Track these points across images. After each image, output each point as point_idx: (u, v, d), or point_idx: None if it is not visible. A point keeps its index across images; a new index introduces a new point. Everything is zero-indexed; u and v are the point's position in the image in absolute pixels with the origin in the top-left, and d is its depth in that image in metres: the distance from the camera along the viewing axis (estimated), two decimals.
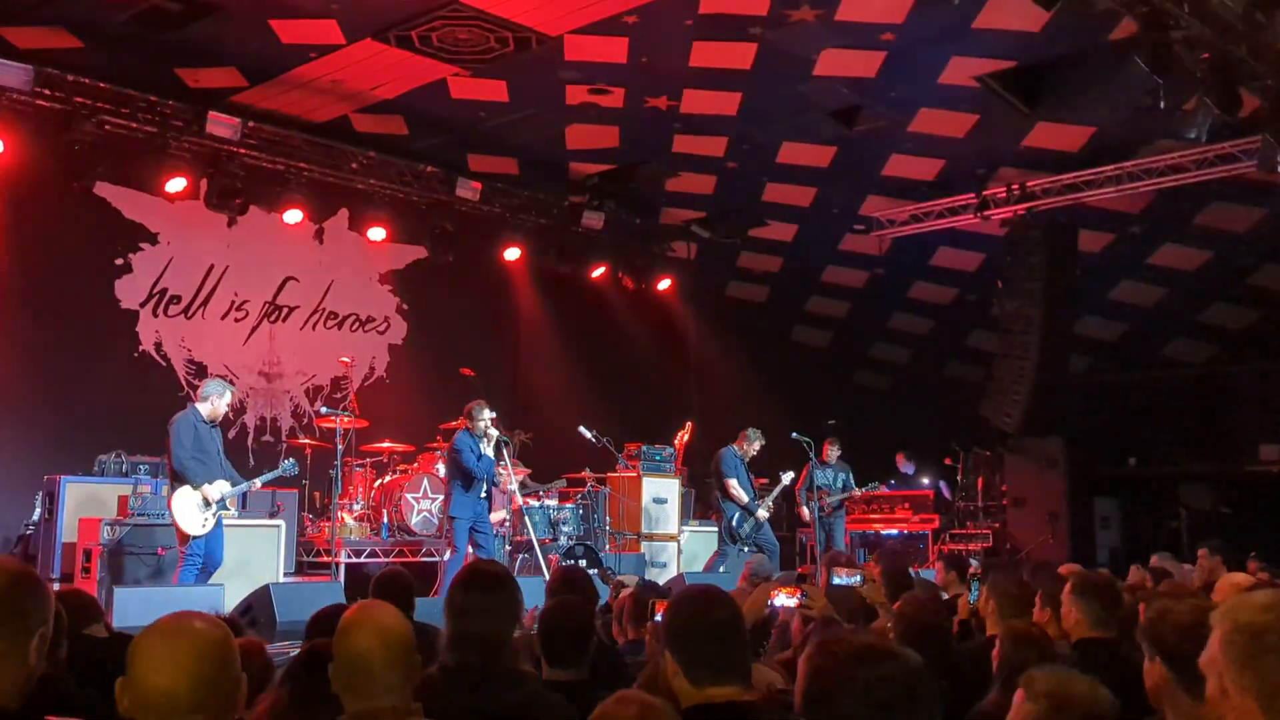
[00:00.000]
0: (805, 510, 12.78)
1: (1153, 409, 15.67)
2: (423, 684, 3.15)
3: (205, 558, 8.86)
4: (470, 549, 10.21)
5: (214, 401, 9.12)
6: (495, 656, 3.24)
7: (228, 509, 9.15)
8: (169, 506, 8.89)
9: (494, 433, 10.21)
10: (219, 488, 8.90)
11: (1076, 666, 3.19)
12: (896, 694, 1.97)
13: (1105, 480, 15.37)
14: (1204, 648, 2.02)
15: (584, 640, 3.85)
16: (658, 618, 3.92)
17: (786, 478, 12.53)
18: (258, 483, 9.66)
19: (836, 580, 4.87)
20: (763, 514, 12.13)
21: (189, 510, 8.77)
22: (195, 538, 8.78)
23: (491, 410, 10.38)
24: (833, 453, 12.75)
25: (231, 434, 12.40)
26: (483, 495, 10.28)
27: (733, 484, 12.13)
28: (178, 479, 8.83)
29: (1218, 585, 5.58)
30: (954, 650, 4.51)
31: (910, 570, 7.23)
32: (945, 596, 6.82)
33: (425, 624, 5.24)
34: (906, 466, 16.31)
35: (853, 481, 12.91)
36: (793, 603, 4.14)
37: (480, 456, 10.06)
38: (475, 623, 3.25)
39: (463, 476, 10.08)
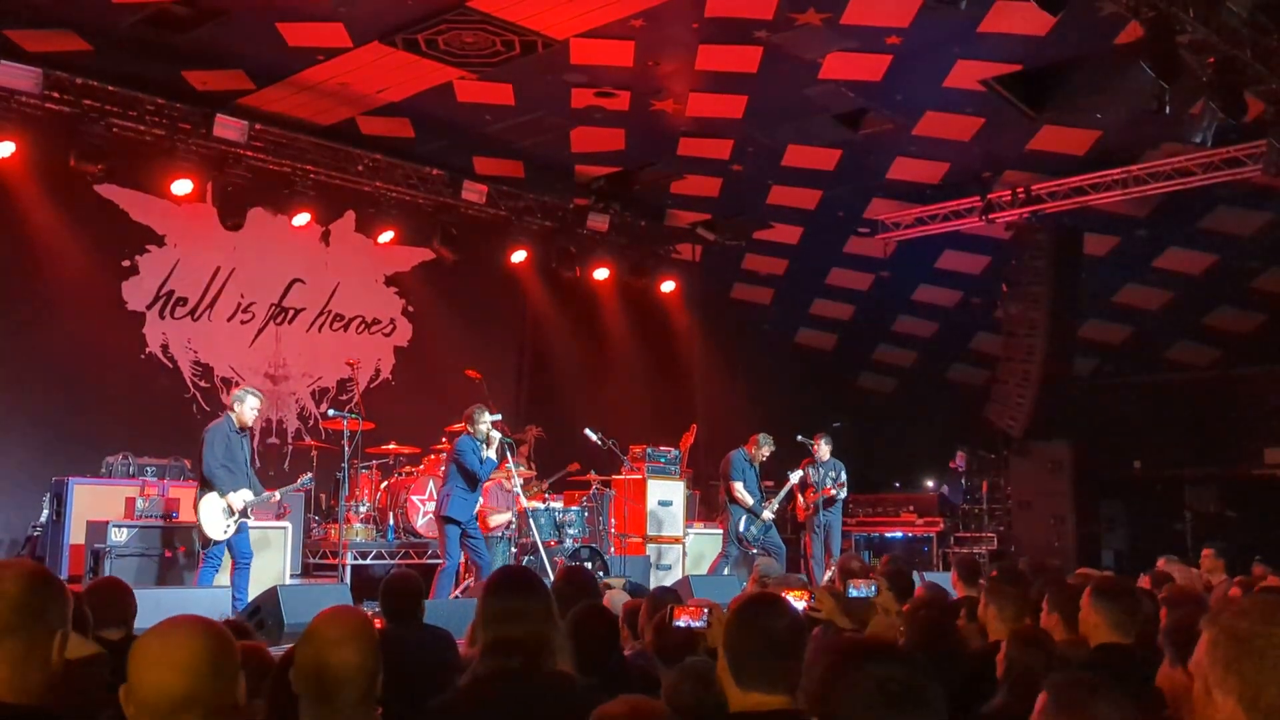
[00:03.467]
0: (801, 500, 12.75)
1: (1158, 412, 15.66)
2: (460, 692, 3.19)
3: (236, 551, 9.21)
4: (464, 555, 10.26)
5: (240, 407, 9.41)
6: (536, 661, 3.21)
7: (249, 517, 9.40)
8: (195, 509, 9.15)
9: (496, 435, 10.21)
10: (242, 496, 9.18)
11: (1094, 671, 3.20)
12: (906, 692, 1.99)
13: (1111, 483, 15.37)
14: None
15: (612, 647, 3.87)
16: (678, 623, 3.92)
17: (795, 476, 12.51)
18: (276, 495, 9.88)
19: (854, 592, 4.86)
20: (767, 515, 12.14)
21: (214, 516, 9.09)
22: (216, 542, 9.10)
23: (495, 414, 10.39)
24: (824, 449, 12.67)
25: None
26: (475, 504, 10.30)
27: (737, 486, 12.14)
28: (206, 485, 9.13)
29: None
30: (962, 653, 4.52)
31: (914, 574, 7.22)
32: (956, 596, 6.82)
33: (437, 627, 5.27)
34: (961, 463, 16.12)
35: (844, 478, 12.83)
36: (801, 605, 4.13)
37: (484, 460, 10.08)
38: (514, 627, 3.23)
39: (467, 478, 10.07)
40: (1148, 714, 3.02)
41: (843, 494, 12.74)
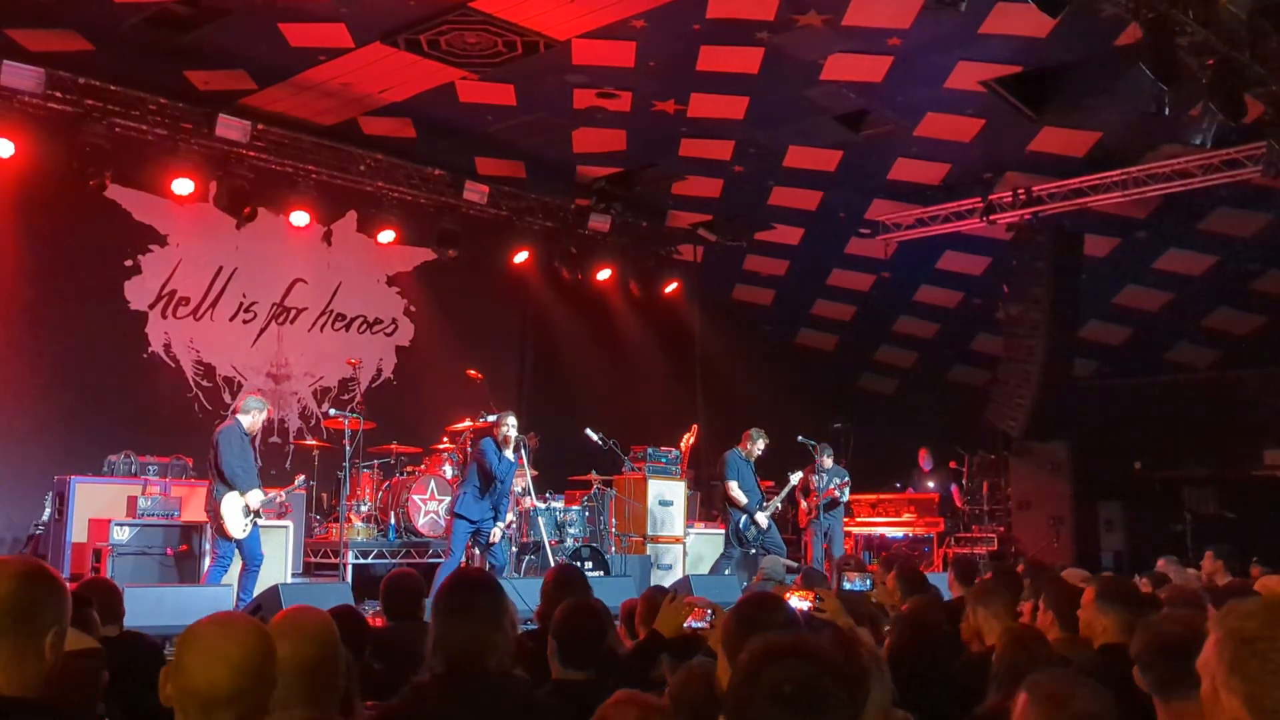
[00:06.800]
0: (804, 504, 12.80)
1: (1157, 413, 15.67)
2: (413, 692, 3.20)
3: (246, 553, 9.36)
4: (466, 554, 10.34)
5: (254, 416, 9.62)
6: (480, 662, 3.19)
7: (261, 517, 9.58)
8: (219, 510, 9.24)
9: (513, 436, 10.33)
10: (257, 496, 9.38)
11: (1100, 672, 3.23)
12: (799, 693, 1.98)
13: (1110, 484, 15.37)
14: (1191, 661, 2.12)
15: (599, 642, 3.89)
16: (691, 623, 3.95)
17: (794, 477, 12.54)
18: (282, 495, 10.08)
19: (847, 586, 4.90)
20: (761, 518, 12.06)
21: (235, 515, 9.27)
22: (233, 540, 9.27)
23: (492, 414, 10.63)
24: (826, 460, 12.71)
25: None
26: (491, 506, 10.33)
27: (733, 486, 12.12)
28: (227, 485, 9.27)
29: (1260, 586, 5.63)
30: (954, 654, 4.53)
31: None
32: (952, 597, 6.84)
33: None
34: (927, 462, 16.27)
35: (847, 479, 12.87)
36: (805, 605, 4.16)
37: (501, 459, 10.18)
38: (458, 629, 3.23)
39: (483, 477, 10.20)
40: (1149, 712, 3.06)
41: (845, 496, 12.77)
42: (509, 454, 10.28)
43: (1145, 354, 16.07)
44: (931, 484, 16.23)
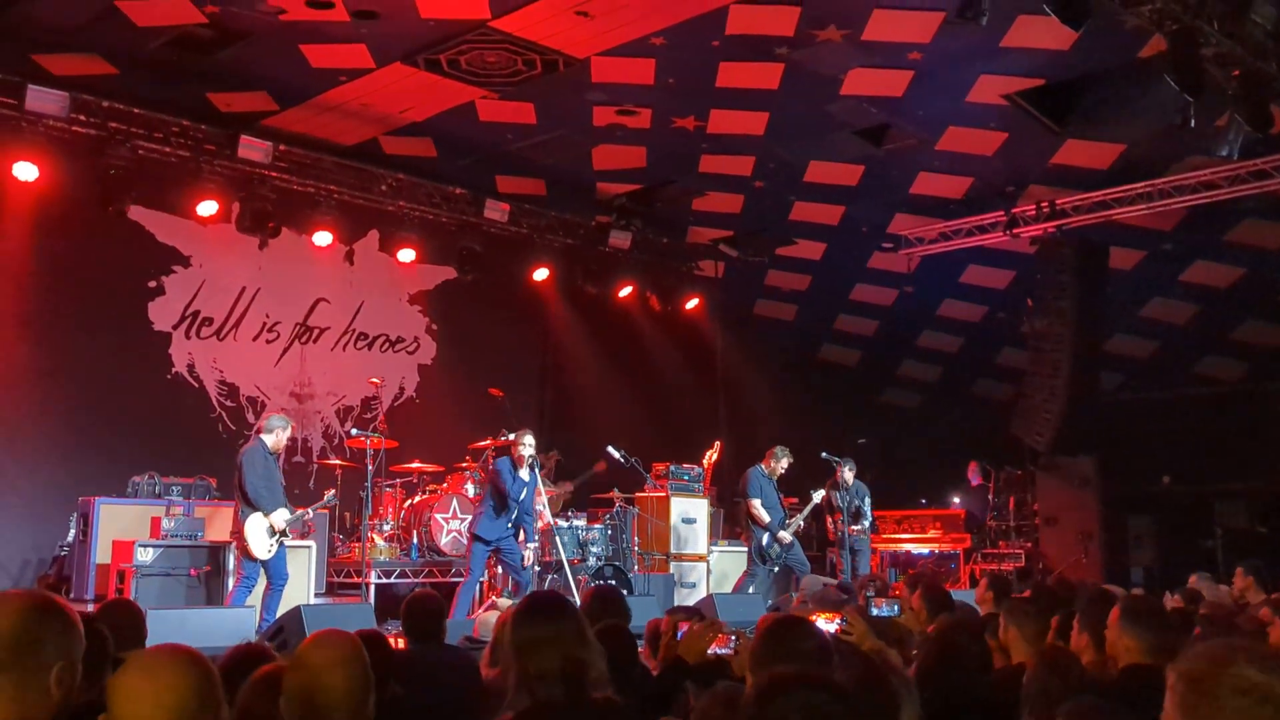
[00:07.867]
0: (830, 525, 12.74)
1: (1186, 427, 15.48)
2: None
3: (272, 572, 9.38)
4: (486, 573, 10.31)
5: (278, 434, 9.66)
6: (581, 686, 3.04)
7: (288, 536, 9.57)
8: (242, 531, 9.25)
9: (526, 455, 10.28)
10: (282, 516, 9.39)
11: (1123, 694, 3.16)
12: None
13: (1139, 499, 15.20)
14: None
15: (630, 666, 3.84)
16: (716, 649, 3.91)
17: (817, 495, 12.45)
18: (309, 513, 10.09)
19: (875, 611, 4.84)
20: (785, 536, 11.94)
21: (259, 535, 9.28)
22: (258, 561, 9.27)
23: (511, 432, 10.55)
24: (847, 474, 12.62)
25: None
26: (510, 524, 10.29)
27: (755, 504, 12.02)
28: (251, 505, 9.28)
29: None
30: (983, 673, 4.46)
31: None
32: (981, 613, 6.74)
33: (458, 647, 5.26)
34: (975, 475, 16.10)
35: (868, 506, 12.80)
36: (832, 627, 4.10)
37: (516, 478, 10.14)
38: (549, 656, 3.07)
39: (498, 497, 10.16)
40: None
41: (866, 523, 12.74)
42: (524, 473, 10.23)
43: (1173, 367, 15.91)
44: (957, 500, 16.08)
